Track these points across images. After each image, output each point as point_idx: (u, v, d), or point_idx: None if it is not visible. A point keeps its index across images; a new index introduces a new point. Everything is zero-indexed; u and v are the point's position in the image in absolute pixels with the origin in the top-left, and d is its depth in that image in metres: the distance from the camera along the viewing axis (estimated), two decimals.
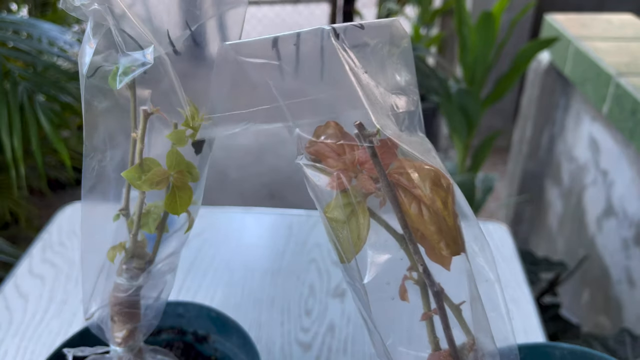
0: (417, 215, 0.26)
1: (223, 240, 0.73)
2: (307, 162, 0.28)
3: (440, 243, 0.26)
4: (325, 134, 0.28)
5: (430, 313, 0.29)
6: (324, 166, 0.28)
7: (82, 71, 0.33)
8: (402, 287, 0.29)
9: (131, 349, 0.40)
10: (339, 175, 0.27)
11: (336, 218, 0.27)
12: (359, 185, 0.27)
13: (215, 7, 0.34)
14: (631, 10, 1.54)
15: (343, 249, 0.27)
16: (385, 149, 0.27)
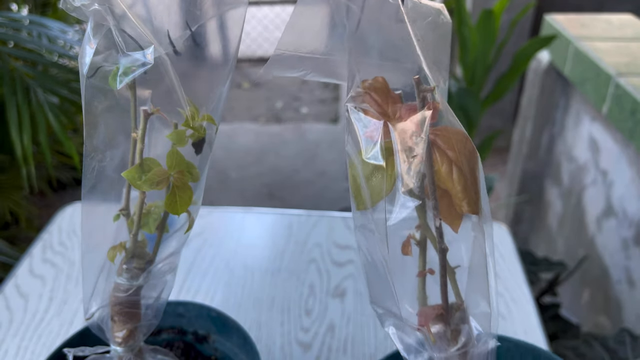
0: (447, 173, 0.28)
1: (223, 240, 0.73)
2: (353, 105, 0.30)
3: (463, 201, 0.29)
4: (373, 88, 0.30)
5: (425, 272, 0.31)
6: (371, 112, 0.29)
7: (82, 71, 0.33)
8: (407, 242, 0.31)
9: (131, 348, 0.40)
10: (386, 123, 0.29)
11: (373, 163, 0.29)
12: (399, 135, 0.29)
13: (216, 8, 0.34)
14: (631, 11, 1.54)
15: (371, 194, 0.29)
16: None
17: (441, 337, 0.31)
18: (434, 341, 0.31)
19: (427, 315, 0.31)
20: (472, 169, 0.29)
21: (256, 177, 2.25)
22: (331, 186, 2.20)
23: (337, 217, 0.77)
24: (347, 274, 0.67)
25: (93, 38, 0.32)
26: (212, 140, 0.37)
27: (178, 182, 0.34)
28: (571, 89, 1.34)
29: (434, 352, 0.31)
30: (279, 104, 2.91)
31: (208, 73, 0.36)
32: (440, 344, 0.31)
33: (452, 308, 0.32)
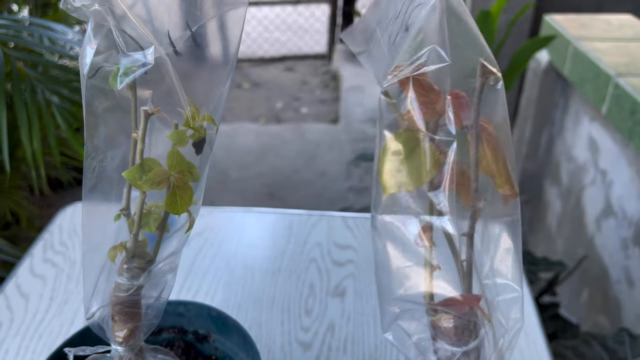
0: (493, 159, 0.29)
1: (223, 240, 0.73)
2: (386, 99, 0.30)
3: (506, 184, 0.29)
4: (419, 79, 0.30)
5: (436, 267, 0.30)
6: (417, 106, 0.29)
7: (83, 72, 0.33)
8: (427, 230, 0.30)
9: (132, 348, 0.40)
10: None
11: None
12: (449, 120, 0.29)
13: (216, 8, 0.34)
14: (630, 11, 1.54)
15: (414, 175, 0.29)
16: (463, 100, 0.29)
17: (463, 331, 0.30)
18: (488, 319, 0.30)
19: (471, 300, 0.30)
20: (510, 154, 0.30)
21: (256, 177, 2.26)
22: (331, 186, 2.21)
23: (337, 217, 0.78)
24: (347, 273, 0.67)
25: (93, 38, 0.33)
26: (213, 140, 0.37)
27: (178, 182, 0.35)
28: (570, 89, 1.35)
29: (455, 347, 0.30)
30: (279, 104, 2.91)
31: (208, 73, 0.36)
32: (461, 338, 0.30)
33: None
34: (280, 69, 3.32)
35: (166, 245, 0.38)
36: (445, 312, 0.30)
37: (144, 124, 0.34)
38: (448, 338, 0.30)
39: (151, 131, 0.34)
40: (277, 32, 3.52)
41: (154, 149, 0.35)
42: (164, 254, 0.38)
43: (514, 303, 0.31)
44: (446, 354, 0.30)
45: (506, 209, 0.30)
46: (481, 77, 0.29)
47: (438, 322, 0.30)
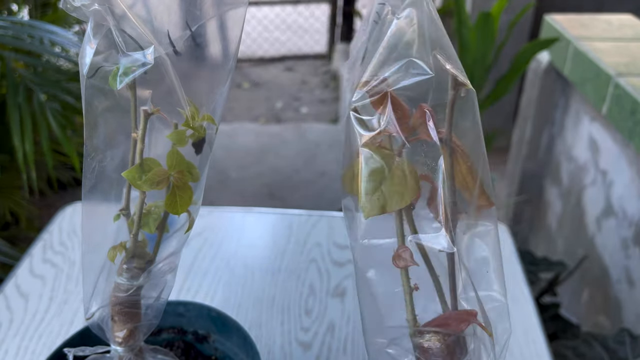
0: (467, 172, 0.29)
1: (223, 240, 0.73)
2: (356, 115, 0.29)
3: (482, 196, 0.29)
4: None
5: (415, 287, 0.30)
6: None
7: (82, 71, 0.33)
8: (401, 252, 0.29)
9: (132, 348, 0.40)
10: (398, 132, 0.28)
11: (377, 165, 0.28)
12: (423, 134, 0.28)
13: (216, 8, 0.34)
14: (630, 11, 1.54)
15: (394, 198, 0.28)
16: (432, 115, 0.28)
17: (455, 348, 0.29)
18: (490, 334, 0.29)
19: (467, 316, 0.29)
20: (484, 164, 0.29)
21: (256, 177, 2.25)
22: (331, 186, 2.20)
23: (337, 217, 0.78)
24: (347, 273, 0.67)
25: (93, 38, 0.33)
26: (212, 140, 0.37)
27: (178, 182, 0.34)
28: (571, 89, 1.34)
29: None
30: (279, 104, 2.91)
31: (208, 73, 0.36)
32: (453, 357, 0.29)
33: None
34: (280, 69, 3.32)
35: (166, 246, 0.38)
36: (434, 332, 0.29)
37: (144, 124, 0.34)
38: (440, 358, 0.29)
39: (151, 131, 0.34)
40: (277, 32, 3.52)
41: (153, 148, 0.35)
42: (164, 254, 0.38)
43: (500, 313, 0.30)
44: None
45: (484, 219, 0.30)
46: (452, 90, 0.28)
47: (427, 344, 0.29)
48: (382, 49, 0.28)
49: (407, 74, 0.28)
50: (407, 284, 0.30)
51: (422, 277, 0.30)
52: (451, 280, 0.29)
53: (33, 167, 1.11)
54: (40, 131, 1.10)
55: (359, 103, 0.29)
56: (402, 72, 0.28)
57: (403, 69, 0.28)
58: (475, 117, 0.29)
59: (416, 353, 0.30)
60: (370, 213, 0.28)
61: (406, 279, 0.29)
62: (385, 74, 0.28)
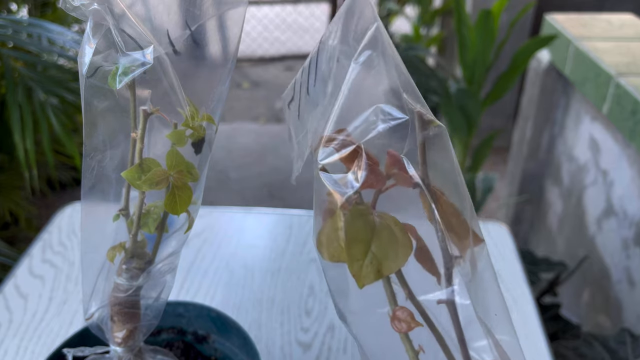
0: (452, 213, 0.26)
1: (223, 240, 0.73)
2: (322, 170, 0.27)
3: (468, 235, 0.26)
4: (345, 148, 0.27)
5: (419, 349, 0.27)
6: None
7: (81, 71, 0.33)
8: (399, 314, 0.27)
9: (131, 349, 0.40)
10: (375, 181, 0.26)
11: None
12: (399, 182, 0.26)
13: (215, 7, 0.34)
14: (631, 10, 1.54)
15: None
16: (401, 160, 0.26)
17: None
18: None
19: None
20: (466, 200, 0.26)
21: (256, 177, 2.25)
22: None
23: None
24: None
25: (92, 38, 0.32)
26: (212, 140, 0.37)
27: (178, 182, 0.34)
28: (571, 89, 1.34)
29: None
30: (279, 104, 2.90)
31: (208, 73, 0.36)
32: None
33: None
34: (280, 69, 3.32)
35: (165, 246, 0.38)
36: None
37: (143, 124, 0.34)
38: None
39: (150, 131, 0.34)
40: (277, 32, 3.52)
41: (153, 148, 0.35)
42: (163, 255, 0.38)
43: (514, 353, 0.27)
44: None
45: (478, 259, 0.27)
46: (422, 131, 0.25)
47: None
48: (342, 98, 0.26)
49: (377, 122, 0.26)
50: (410, 348, 0.27)
51: (420, 337, 0.27)
52: (458, 332, 0.27)
53: (35, 165, 1.11)
54: (41, 130, 1.10)
55: (326, 161, 0.26)
56: (371, 121, 0.26)
57: (372, 116, 0.26)
58: (449, 153, 0.26)
59: None
60: (366, 280, 0.25)
61: (408, 342, 0.27)
62: (353, 125, 0.26)
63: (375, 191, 0.26)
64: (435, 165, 0.26)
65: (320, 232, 0.27)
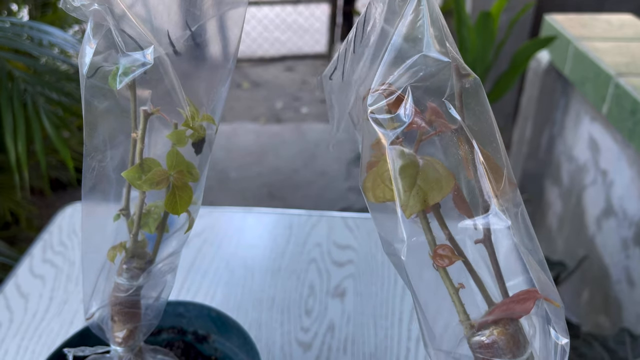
0: (486, 158, 0.28)
1: (223, 240, 0.73)
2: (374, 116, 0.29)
3: (502, 180, 0.28)
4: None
5: (460, 285, 0.29)
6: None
7: (82, 71, 0.33)
8: (440, 250, 0.28)
9: (131, 348, 0.40)
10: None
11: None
12: (440, 128, 0.28)
13: (216, 8, 0.34)
14: (631, 11, 1.54)
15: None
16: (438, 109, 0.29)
17: (519, 337, 0.28)
18: (558, 305, 0.28)
19: (532, 294, 0.28)
20: (501, 148, 0.29)
21: (256, 177, 2.25)
22: (331, 186, 2.20)
23: (337, 217, 0.77)
24: (347, 274, 0.67)
25: (93, 38, 0.32)
26: (212, 140, 0.37)
27: (178, 182, 0.34)
28: (571, 89, 1.34)
29: (517, 357, 0.27)
30: (279, 104, 2.91)
31: (208, 73, 0.36)
32: (519, 346, 0.28)
33: None
34: (280, 69, 3.32)
35: (166, 246, 0.38)
36: (493, 324, 0.28)
37: (144, 124, 0.34)
38: (508, 350, 0.28)
39: (150, 131, 0.34)
40: (277, 32, 3.52)
41: (153, 148, 0.35)
42: (164, 254, 0.38)
43: (549, 290, 0.29)
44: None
45: (513, 203, 0.29)
46: (458, 81, 0.28)
47: (488, 340, 0.28)
48: (391, 50, 0.28)
49: (422, 67, 0.28)
50: (450, 284, 0.28)
51: (459, 277, 0.29)
52: (495, 267, 0.28)
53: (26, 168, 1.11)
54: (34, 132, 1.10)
55: (375, 106, 0.28)
56: (417, 67, 0.28)
57: (417, 62, 0.28)
58: (485, 105, 0.29)
59: (477, 353, 0.28)
60: (413, 209, 0.27)
61: (448, 279, 0.28)
62: (398, 72, 0.28)
63: (416, 139, 0.28)
64: (471, 115, 0.28)
65: (365, 180, 0.30)
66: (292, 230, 0.75)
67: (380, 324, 0.60)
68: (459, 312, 0.28)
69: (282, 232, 0.75)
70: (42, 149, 1.11)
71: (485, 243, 0.28)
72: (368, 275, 0.67)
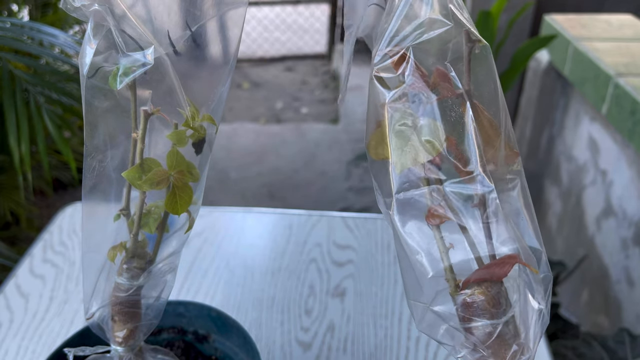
0: (489, 125, 0.29)
1: (223, 240, 0.73)
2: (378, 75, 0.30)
3: (506, 146, 0.29)
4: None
5: (450, 245, 0.29)
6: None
7: (82, 71, 0.33)
8: (434, 210, 0.29)
9: (132, 348, 0.40)
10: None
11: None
12: (444, 93, 0.29)
13: (216, 8, 0.34)
14: (630, 11, 1.54)
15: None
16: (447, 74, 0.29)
17: (499, 299, 0.28)
18: (536, 271, 0.29)
19: (511, 259, 0.28)
20: (506, 117, 0.29)
21: (256, 177, 2.25)
22: (331, 186, 2.21)
23: (337, 217, 0.78)
24: (347, 273, 0.67)
25: (93, 38, 0.33)
26: (212, 140, 0.37)
27: (178, 182, 0.35)
28: (571, 89, 1.34)
29: (495, 319, 0.28)
30: (279, 104, 2.91)
31: (208, 73, 0.36)
32: (499, 308, 0.28)
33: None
34: (280, 69, 3.32)
35: (166, 246, 0.38)
36: (477, 284, 0.29)
37: (144, 124, 0.34)
38: (486, 312, 0.28)
39: (151, 131, 0.34)
40: (277, 32, 3.52)
41: (153, 149, 0.35)
42: (164, 254, 0.38)
43: (538, 261, 0.30)
44: (486, 330, 0.28)
45: (510, 171, 0.30)
46: (467, 46, 0.28)
47: (472, 298, 0.29)
48: (404, 6, 0.29)
49: (427, 30, 0.29)
50: (441, 242, 0.29)
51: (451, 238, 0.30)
52: (485, 228, 0.29)
53: (29, 168, 1.11)
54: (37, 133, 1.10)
55: (380, 65, 0.29)
56: (422, 29, 0.29)
57: (424, 25, 0.29)
58: (492, 71, 0.29)
59: (459, 311, 0.29)
60: (404, 165, 0.29)
61: (440, 237, 0.29)
62: (403, 34, 0.29)
63: (424, 97, 0.29)
64: (478, 80, 0.29)
65: (371, 137, 0.31)
66: (292, 230, 0.75)
67: (380, 324, 0.60)
68: (446, 270, 0.29)
69: (282, 232, 0.75)
70: (44, 150, 1.11)
71: (479, 206, 0.29)
72: (368, 275, 0.67)
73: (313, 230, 0.75)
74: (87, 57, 0.33)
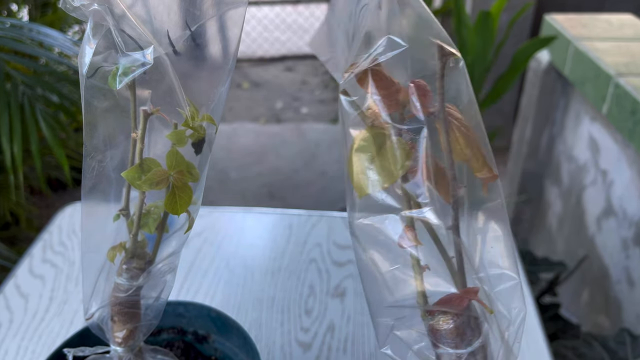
0: (465, 143, 0.28)
1: (223, 240, 0.73)
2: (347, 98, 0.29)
3: (484, 168, 0.28)
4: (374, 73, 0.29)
5: (425, 267, 0.29)
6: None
7: (82, 71, 0.33)
8: (410, 229, 0.28)
9: (131, 348, 0.40)
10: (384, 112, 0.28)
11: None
12: (412, 110, 0.28)
13: (215, 8, 0.34)
14: (631, 11, 1.54)
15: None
16: (425, 88, 0.28)
17: (465, 330, 0.28)
18: (490, 311, 0.28)
19: (469, 294, 0.28)
20: (482, 135, 0.29)
21: (256, 177, 2.25)
22: (331, 186, 2.20)
23: (337, 217, 0.77)
24: (347, 274, 0.67)
25: (93, 38, 0.32)
26: (212, 140, 0.37)
27: (178, 182, 0.34)
28: (571, 89, 1.34)
29: (459, 349, 0.28)
30: (279, 104, 2.91)
31: (208, 73, 0.36)
32: (464, 338, 0.28)
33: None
34: (280, 69, 3.32)
35: (165, 246, 0.38)
36: (443, 312, 0.28)
37: (143, 124, 0.34)
38: (450, 340, 0.28)
39: (150, 131, 0.34)
40: (277, 32, 3.52)
41: (153, 149, 0.35)
42: (164, 254, 0.38)
43: (513, 292, 0.29)
44: (451, 358, 0.29)
45: (488, 195, 0.29)
46: (440, 60, 0.28)
47: (437, 325, 0.29)
48: (364, 30, 0.29)
49: (385, 49, 0.28)
50: (417, 264, 0.29)
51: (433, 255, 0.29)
52: (458, 259, 0.29)
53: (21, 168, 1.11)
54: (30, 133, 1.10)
55: (347, 85, 0.29)
56: (382, 49, 0.28)
57: (383, 45, 0.28)
58: (468, 87, 0.28)
59: (428, 334, 0.29)
60: (363, 191, 0.28)
61: (415, 260, 0.29)
62: (367, 54, 0.28)
63: (395, 114, 0.28)
64: (453, 96, 0.28)
65: (346, 153, 0.30)
66: (292, 230, 0.75)
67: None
68: (418, 294, 0.29)
69: (282, 232, 0.75)
70: (37, 150, 1.11)
71: (453, 230, 0.28)
72: None
73: (313, 230, 0.75)
74: (86, 57, 0.33)
